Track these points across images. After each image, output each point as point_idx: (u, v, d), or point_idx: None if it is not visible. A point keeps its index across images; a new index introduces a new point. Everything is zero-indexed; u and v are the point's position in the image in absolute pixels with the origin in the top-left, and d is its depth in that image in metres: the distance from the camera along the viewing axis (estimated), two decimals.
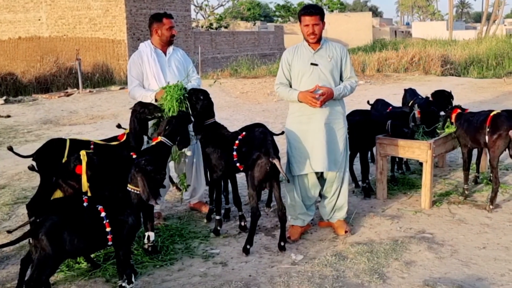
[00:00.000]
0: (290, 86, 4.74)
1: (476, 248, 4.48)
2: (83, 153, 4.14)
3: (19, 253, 4.48)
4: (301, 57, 4.67)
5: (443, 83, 17.07)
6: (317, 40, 4.63)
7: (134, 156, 4.26)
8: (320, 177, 4.84)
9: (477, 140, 5.46)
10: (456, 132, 5.73)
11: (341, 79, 4.76)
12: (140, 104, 4.72)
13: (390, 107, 6.60)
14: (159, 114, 4.68)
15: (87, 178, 4.05)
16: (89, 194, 4.00)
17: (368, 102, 7.23)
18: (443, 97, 6.68)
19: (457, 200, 5.65)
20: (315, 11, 4.58)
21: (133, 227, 3.53)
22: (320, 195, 4.96)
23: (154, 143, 4.42)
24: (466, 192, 5.70)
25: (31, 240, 3.30)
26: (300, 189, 4.79)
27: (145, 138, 4.79)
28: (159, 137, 4.37)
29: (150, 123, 4.85)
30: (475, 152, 6.24)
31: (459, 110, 5.85)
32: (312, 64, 4.61)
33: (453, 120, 5.80)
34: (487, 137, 5.28)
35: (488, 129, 5.27)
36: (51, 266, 3.23)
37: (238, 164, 4.55)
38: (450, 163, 7.20)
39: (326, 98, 4.50)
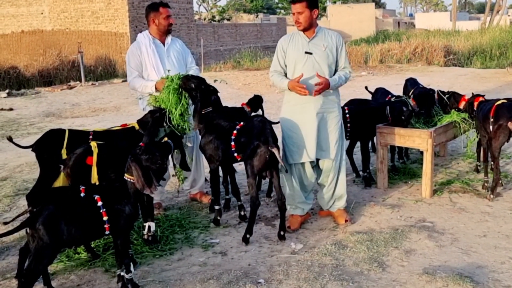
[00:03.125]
0: (285, 74, 4.72)
1: (477, 237, 4.47)
2: (94, 144, 4.15)
3: (19, 243, 4.48)
4: (296, 45, 4.64)
5: (446, 73, 17.02)
6: (304, 29, 4.58)
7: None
8: (316, 166, 4.84)
9: (485, 129, 5.37)
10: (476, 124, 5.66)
11: (336, 68, 4.72)
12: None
13: (390, 96, 6.59)
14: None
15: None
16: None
17: (366, 87, 7.24)
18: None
19: (458, 189, 5.64)
20: None
21: (130, 216, 3.53)
22: (319, 184, 4.96)
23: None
24: (486, 184, 5.59)
25: (28, 230, 3.30)
26: (297, 177, 4.79)
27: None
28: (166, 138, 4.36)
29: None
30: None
31: (481, 98, 5.71)
32: (306, 52, 4.58)
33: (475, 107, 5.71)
34: (491, 127, 5.22)
35: (492, 119, 5.21)
36: (48, 256, 3.23)
37: (236, 154, 4.55)
38: (452, 152, 7.17)
39: (323, 88, 4.47)
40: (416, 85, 6.91)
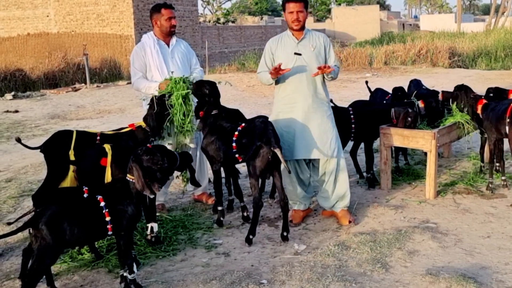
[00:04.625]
0: None
1: (480, 237, 4.45)
2: (107, 146, 4.17)
3: (22, 244, 4.49)
4: (285, 46, 4.76)
5: (451, 75, 17.00)
6: (301, 28, 4.70)
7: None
8: (311, 164, 4.91)
9: (498, 130, 5.30)
10: (483, 124, 5.59)
11: None
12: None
13: (389, 95, 6.60)
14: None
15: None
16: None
17: (366, 82, 7.36)
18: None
19: (462, 190, 5.62)
20: None
21: (133, 217, 3.53)
22: (317, 182, 5.00)
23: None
24: (491, 185, 5.53)
25: (31, 231, 3.31)
26: (293, 173, 4.85)
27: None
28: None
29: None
30: (477, 140, 6.21)
31: (485, 101, 5.62)
32: (295, 53, 4.68)
33: (479, 112, 5.61)
34: (507, 128, 5.14)
35: (508, 120, 5.12)
36: (51, 256, 3.24)
37: (237, 155, 4.56)
38: (456, 153, 7.15)
39: (326, 69, 4.56)
40: (419, 87, 6.91)
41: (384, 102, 6.49)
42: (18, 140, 4.65)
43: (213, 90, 4.72)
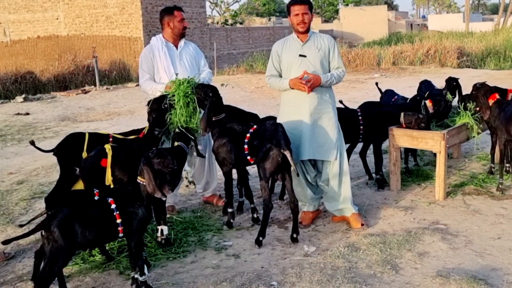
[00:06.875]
0: (280, 76, 4.87)
1: (491, 239, 4.44)
2: (108, 147, 4.21)
3: (35, 246, 4.53)
4: (290, 49, 4.79)
5: (459, 75, 16.83)
6: (306, 30, 4.72)
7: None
8: (315, 164, 4.92)
9: (508, 131, 5.28)
10: (494, 123, 5.52)
11: (330, 69, 4.83)
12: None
13: (395, 97, 6.60)
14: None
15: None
16: (112, 187, 4.11)
17: (376, 84, 7.39)
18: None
19: (472, 191, 5.60)
20: (304, 0, 4.66)
21: (144, 219, 3.56)
22: (321, 187, 4.99)
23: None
24: (501, 186, 5.50)
25: (43, 233, 3.35)
26: (301, 174, 4.85)
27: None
28: (177, 142, 4.41)
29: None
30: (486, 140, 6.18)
31: (497, 96, 5.52)
32: (300, 55, 4.71)
33: (491, 105, 5.51)
34: None
35: None
36: (63, 258, 3.28)
37: (249, 157, 4.58)
38: (465, 154, 7.13)
39: (313, 84, 4.54)
40: (431, 88, 6.90)
41: (390, 103, 6.49)
42: (32, 143, 4.71)
43: (207, 93, 4.68)
